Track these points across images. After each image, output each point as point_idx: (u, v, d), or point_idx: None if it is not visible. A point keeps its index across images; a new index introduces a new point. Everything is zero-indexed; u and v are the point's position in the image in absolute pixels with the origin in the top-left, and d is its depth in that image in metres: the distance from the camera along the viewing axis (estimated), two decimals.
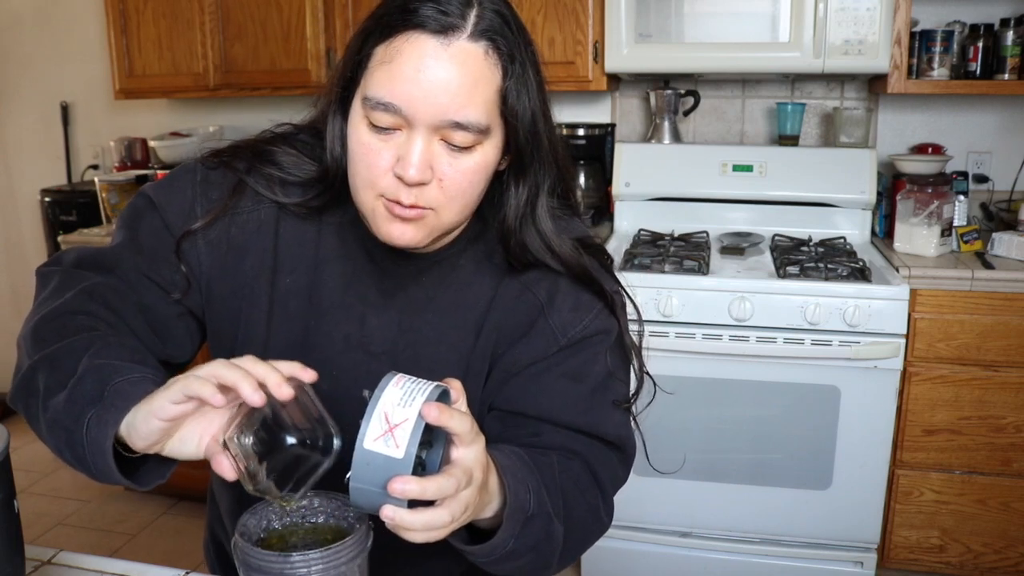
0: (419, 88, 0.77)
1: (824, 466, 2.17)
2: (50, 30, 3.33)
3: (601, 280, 0.93)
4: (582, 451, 0.90)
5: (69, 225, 2.94)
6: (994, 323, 2.10)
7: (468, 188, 0.83)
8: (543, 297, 0.92)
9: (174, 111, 3.26)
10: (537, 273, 0.93)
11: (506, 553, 0.77)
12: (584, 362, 0.92)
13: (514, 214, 0.89)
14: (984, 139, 2.61)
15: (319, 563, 0.66)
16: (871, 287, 2.07)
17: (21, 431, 1.19)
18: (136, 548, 2.63)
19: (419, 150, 0.79)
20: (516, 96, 0.81)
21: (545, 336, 0.91)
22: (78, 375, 0.74)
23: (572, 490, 0.87)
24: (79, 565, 0.92)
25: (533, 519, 0.78)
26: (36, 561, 0.91)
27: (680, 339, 2.15)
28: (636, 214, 2.64)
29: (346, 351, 0.93)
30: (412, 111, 0.78)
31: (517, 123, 0.82)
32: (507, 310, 0.92)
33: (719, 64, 2.38)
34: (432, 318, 0.93)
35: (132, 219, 0.94)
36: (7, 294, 3.66)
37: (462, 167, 0.81)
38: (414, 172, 0.79)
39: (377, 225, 0.85)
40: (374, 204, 0.83)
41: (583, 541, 0.92)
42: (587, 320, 0.92)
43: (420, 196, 0.81)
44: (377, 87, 0.79)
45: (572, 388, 0.91)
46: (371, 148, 0.81)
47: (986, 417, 2.15)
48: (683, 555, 2.31)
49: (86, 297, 0.86)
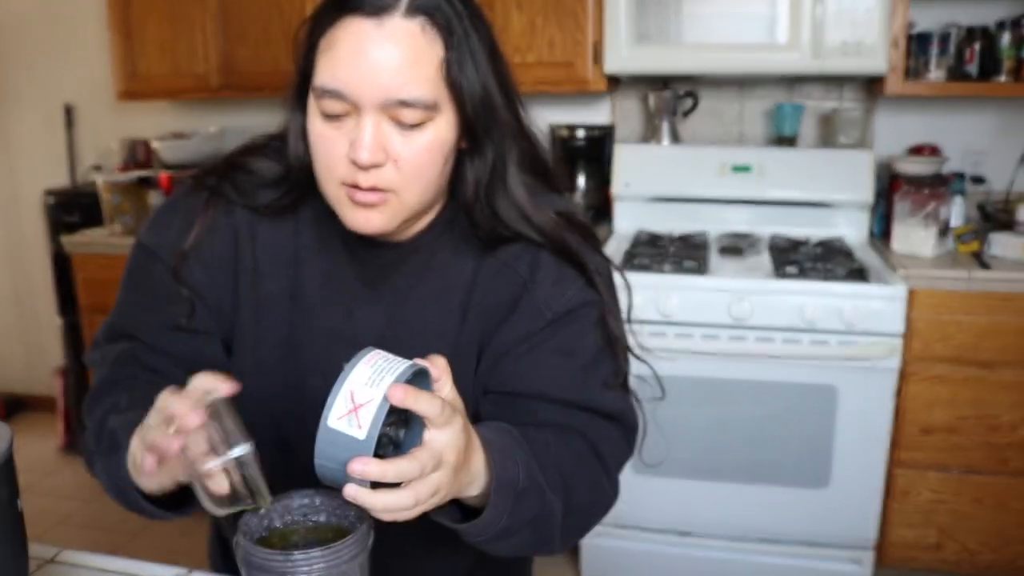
0: (359, 71, 0.79)
1: (822, 465, 2.18)
2: (53, 32, 3.33)
3: (582, 253, 0.93)
4: (580, 426, 0.89)
5: (72, 226, 2.94)
6: (991, 323, 2.11)
7: (425, 167, 0.84)
8: (525, 272, 0.91)
9: (176, 112, 3.27)
10: (516, 248, 0.92)
11: (501, 530, 0.77)
12: (573, 336, 0.91)
13: (474, 187, 0.89)
14: (981, 140, 2.61)
15: (320, 562, 0.66)
16: (869, 287, 2.08)
17: (24, 430, 1.20)
18: (138, 546, 2.65)
19: (369, 132, 0.80)
20: (460, 68, 0.82)
21: (531, 312, 0.91)
22: (105, 433, 0.83)
23: (571, 463, 0.86)
24: (82, 563, 0.92)
25: (525, 493, 0.77)
26: (39, 559, 0.91)
27: (679, 339, 2.16)
28: (635, 214, 2.65)
29: (332, 345, 0.93)
30: (356, 94, 0.79)
31: (464, 95, 0.83)
32: (490, 289, 0.92)
33: (718, 65, 2.39)
34: (417, 306, 0.93)
35: (134, 274, 0.97)
36: (10, 295, 3.67)
37: (415, 146, 0.82)
38: (366, 155, 0.80)
39: (343, 214, 0.86)
40: (337, 193, 0.85)
41: (588, 516, 0.90)
42: (571, 292, 0.91)
43: (378, 179, 0.82)
44: (322, 76, 0.81)
45: (564, 363, 0.90)
46: (326, 137, 0.83)
47: (983, 416, 2.16)
48: (682, 554, 2.32)
49: (119, 367, 0.92)
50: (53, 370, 3.38)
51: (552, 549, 0.87)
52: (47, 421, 3.50)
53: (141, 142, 3.19)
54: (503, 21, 2.52)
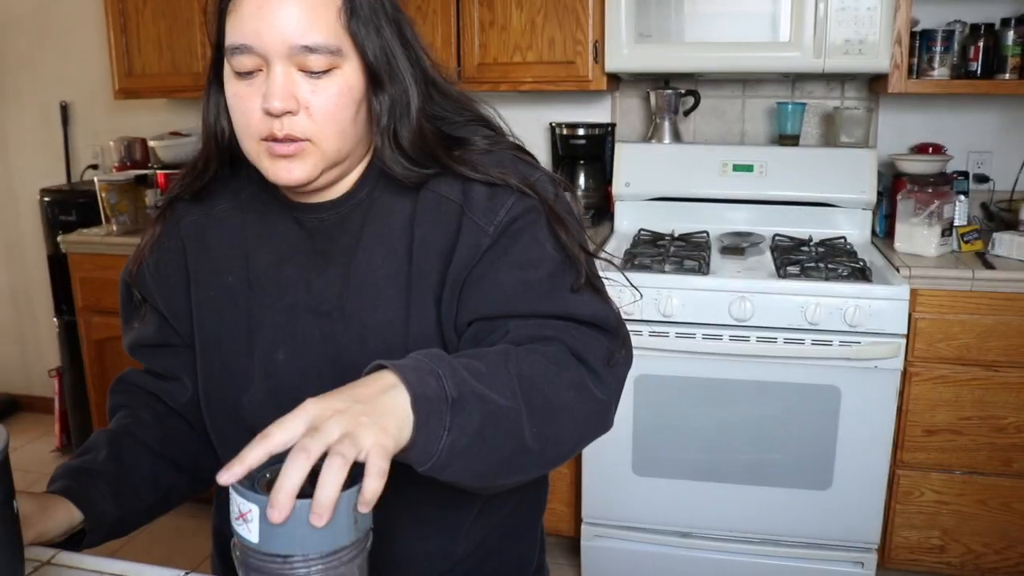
0: (263, 22, 0.83)
1: (824, 466, 2.17)
2: (50, 30, 3.32)
3: (518, 172, 0.92)
4: (556, 335, 0.85)
5: (68, 225, 2.93)
6: (995, 323, 2.10)
7: (336, 112, 0.87)
8: (458, 198, 0.92)
9: (173, 111, 3.26)
10: (448, 180, 0.93)
11: (447, 448, 0.70)
12: (525, 248, 0.89)
13: (380, 129, 0.91)
14: (985, 139, 2.60)
15: (318, 564, 0.65)
16: (871, 287, 2.07)
17: (20, 431, 1.19)
18: (135, 548, 2.63)
19: (279, 81, 0.84)
20: (357, 15, 0.86)
21: (473, 232, 0.90)
22: None
23: (543, 367, 0.81)
24: (78, 565, 0.91)
25: (460, 403, 0.71)
26: (36, 561, 0.91)
27: (680, 339, 2.15)
28: (636, 214, 2.64)
29: (293, 319, 0.95)
30: (262, 46, 0.83)
31: (364, 41, 0.86)
32: (429, 223, 0.92)
33: (719, 64, 2.38)
34: (364, 256, 0.94)
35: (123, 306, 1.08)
36: (6, 294, 3.66)
37: (325, 92, 0.86)
38: (277, 103, 0.83)
39: (265, 169, 0.89)
40: (257, 149, 0.88)
41: (573, 419, 0.83)
42: (509, 203, 0.90)
43: (292, 127, 0.85)
44: (232, 35, 0.85)
45: (524, 276, 0.88)
46: (241, 95, 0.87)
47: (987, 417, 2.15)
48: (683, 555, 2.31)
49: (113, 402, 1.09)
50: (49, 371, 3.37)
51: (534, 461, 0.80)
52: (43, 422, 3.49)
53: (138, 141, 3.18)
54: (503, 20, 2.51)
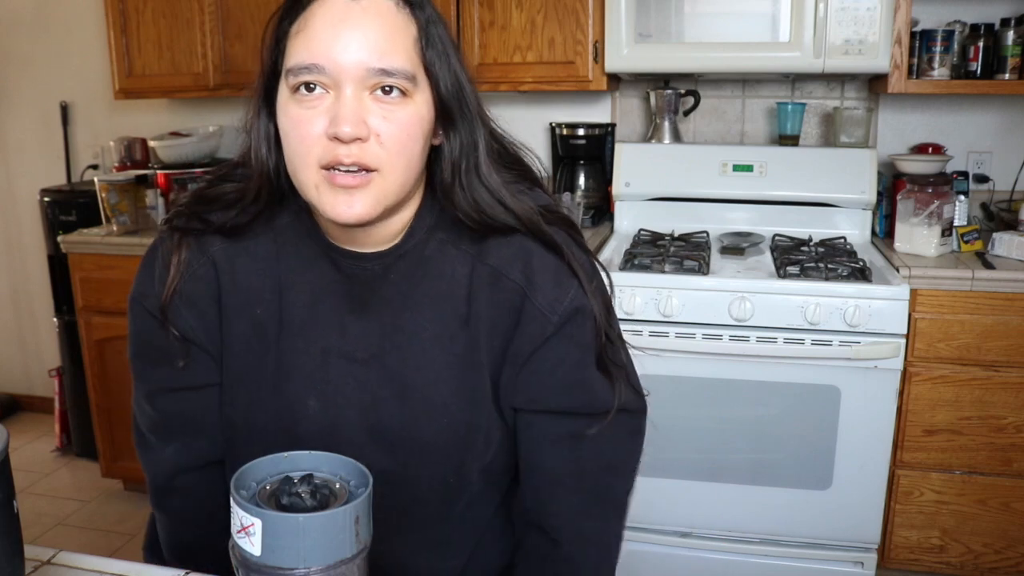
0: (339, 43, 0.78)
1: (824, 466, 2.17)
2: (50, 30, 3.32)
3: (564, 245, 0.93)
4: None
5: (69, 225, 2.93)
6: (995, 323, 2.10)
7: (408, 142, 0.82)
8: (520, 279, 0.90)
9: (174, 111, 3.26)
10: (506, 255, 0.91)
11: None
12: (578, 336, 0.92)
13: (451, 169, 0.88)
14: (984, 139, 2.60)
15: (318, 564, 0.65)
16: (871, 287, 2.07)
17: (20, 431, 1.18)
18: (136, 548, 2.62)
19: (350, 105, 0.79)
20: (432, 46, 0.83)
21: (536, 319, 0.90)
22: None
23: None
24: (78, 565, 0.91)
25: None
26: (36, 561, 0.91)
27: (680, 339, 2.15)
28: (636, 214, 2.64)
29: (327, 364, 0.91)
30: (335, 68, 0.78)
31: (437, 73, 0.83)
32: (488, 299, 0.91)
33: (719, 64, 2.38)
34: (411, 315, 0.91)
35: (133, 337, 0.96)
36: (6, 295, 3.66)
37: (397, 120, 0.81)
38: (348, 127, 0.78)
39: (323, 203, 0.82)
40: (316, 180, 0.82)
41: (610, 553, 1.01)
42: (571, 291, 0.91)
43: (361, 154, 0.80)
44: (298, 55, 0.80)
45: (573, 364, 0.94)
46: (301, 119, 0.80)
47: (986, 417, 2.15)
48: (683, 555, 2.31)
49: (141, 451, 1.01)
50: (49, 371, 3.36)
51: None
52: (43, 422, 3.49)
53: (138, 141, 3.18)
54: (503, 20, 2.51)
